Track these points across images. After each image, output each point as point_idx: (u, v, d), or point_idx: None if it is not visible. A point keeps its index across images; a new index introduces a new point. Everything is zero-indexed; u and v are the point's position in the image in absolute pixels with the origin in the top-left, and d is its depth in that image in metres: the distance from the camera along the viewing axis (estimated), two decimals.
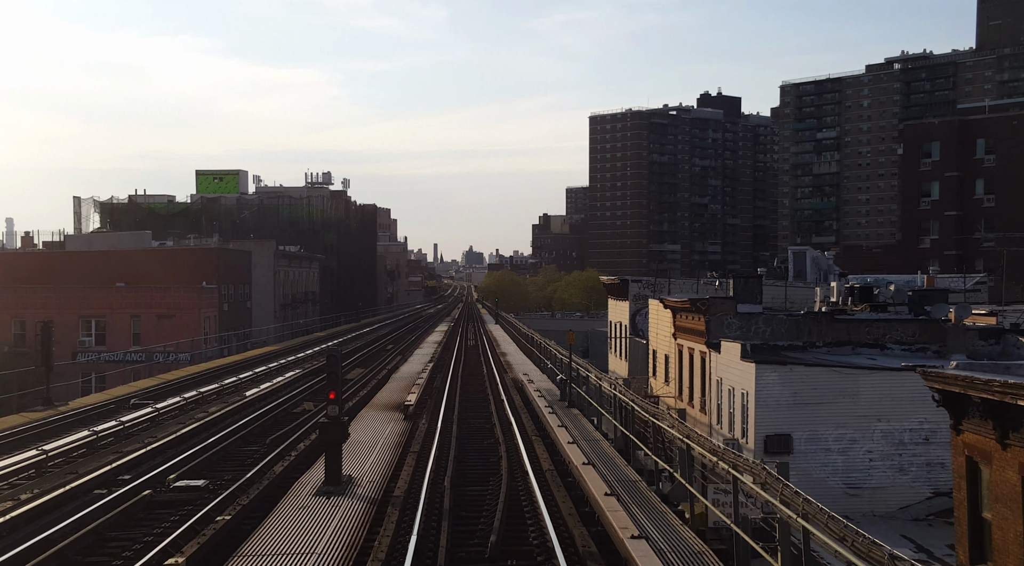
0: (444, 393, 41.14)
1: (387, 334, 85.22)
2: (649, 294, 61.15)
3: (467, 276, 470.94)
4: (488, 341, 74.89)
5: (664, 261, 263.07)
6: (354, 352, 61.06)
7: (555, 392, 41.26)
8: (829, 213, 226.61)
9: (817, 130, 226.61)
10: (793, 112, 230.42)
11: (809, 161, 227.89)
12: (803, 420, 34.95)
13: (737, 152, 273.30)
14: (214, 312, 75.89)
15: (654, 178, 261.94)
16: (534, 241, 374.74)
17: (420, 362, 54.96)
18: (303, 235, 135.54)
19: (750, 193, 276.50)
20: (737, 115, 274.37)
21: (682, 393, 47.62)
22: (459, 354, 60.70)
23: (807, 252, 67.00)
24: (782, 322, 41.51)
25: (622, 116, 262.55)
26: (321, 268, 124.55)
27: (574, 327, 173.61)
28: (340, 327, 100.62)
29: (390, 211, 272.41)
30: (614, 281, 66.72)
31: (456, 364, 54.05)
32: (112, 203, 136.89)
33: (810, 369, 35.55)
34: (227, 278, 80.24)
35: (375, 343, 72.91)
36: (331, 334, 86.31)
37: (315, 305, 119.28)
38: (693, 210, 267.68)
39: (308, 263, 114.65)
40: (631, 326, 61.93)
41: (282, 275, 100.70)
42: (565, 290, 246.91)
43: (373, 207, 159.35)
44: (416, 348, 67.07)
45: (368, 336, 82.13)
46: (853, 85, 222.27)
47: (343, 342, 73.14)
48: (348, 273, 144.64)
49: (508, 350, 67.46)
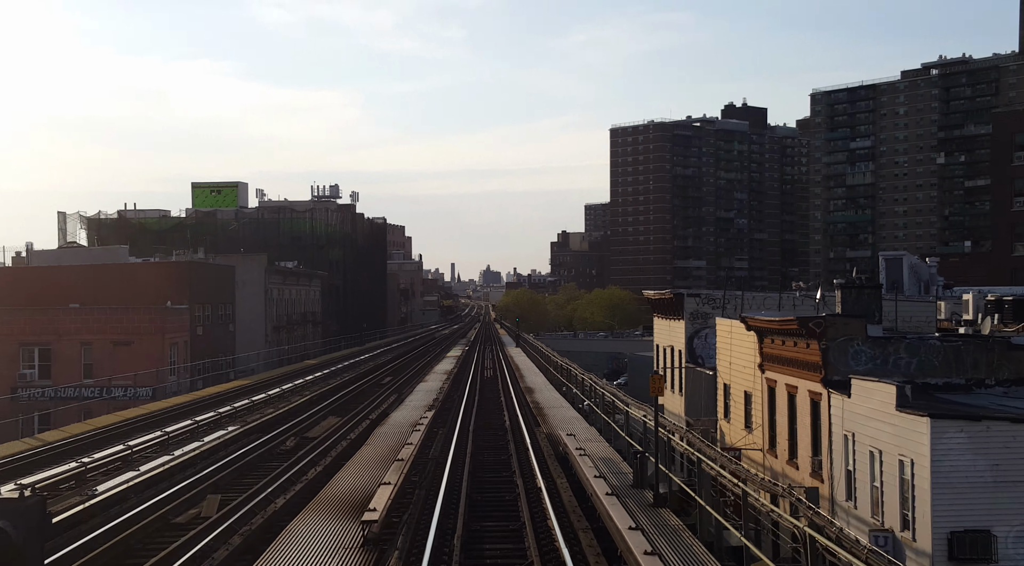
0: (445, 471, 26.47)
1: (390, 361, 72.59)
2: (710, 311, 48.20)
3: (484, 295, 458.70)
4: (509, 371, 61.70)
5: (689, 278, 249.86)
6: (339, 388, 48.54)
7: (615, 462, 28.03)
8: (864, 226, 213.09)
9: (851, 139, 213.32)
10: (825, 121, 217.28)
11: (842, 172, 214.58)
12: (1011, 508, 21.99)
13: (764, 164, 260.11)
14: (183, 337, 63.32)
15: (677, 192, 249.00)
16: (553, 259, 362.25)
17: (420, 404, 42.14)
18: (305, 251, 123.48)
19: (777, 207, 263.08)
20: (763, 126, 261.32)
21: (775, 445, 34.55)
22: (472, 391, 47.84)
23: (904, 259, 53.83)
24: (934, 350, 28.49)
25: (644, 128, 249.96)
26: (323, 286, 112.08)
27: (599, 348, 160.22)
28: (339, 352, 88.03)
29: (404, 228, 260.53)
30: (663, 296, 53.30)
31: (468, 408, 40.89)
32: (99, 219, 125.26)
33: (1020, 427, 22.51)
34: (202, 297, 67.77)
35: (371, 374, 60.19)
36: (325, 361, 73.74)
37: (316, 327, 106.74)
38: (718, 225, 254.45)
39: (308, 280, 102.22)
40: (687, 352, 48.94)
41: (276, 293, 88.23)
42: (587, 308, 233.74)
43: (383, 222, 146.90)
44: (420, 381, 54.41)
45: (366, 364, 69.56)
46: (888, 92, 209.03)
47: (333, 373, 60.54)
48: (355, 292, 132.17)
49: (535, 384, 53.81)
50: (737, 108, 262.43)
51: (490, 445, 33.03)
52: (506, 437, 34.67)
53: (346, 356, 79.74)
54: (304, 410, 40.56)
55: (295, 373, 61.37)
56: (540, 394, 47.83)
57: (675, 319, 51.25)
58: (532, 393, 48.44)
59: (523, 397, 46.16)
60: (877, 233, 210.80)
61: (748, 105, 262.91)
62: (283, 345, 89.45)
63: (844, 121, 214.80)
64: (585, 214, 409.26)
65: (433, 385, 50.85)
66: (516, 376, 57.77)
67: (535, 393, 48.44)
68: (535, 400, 45.07)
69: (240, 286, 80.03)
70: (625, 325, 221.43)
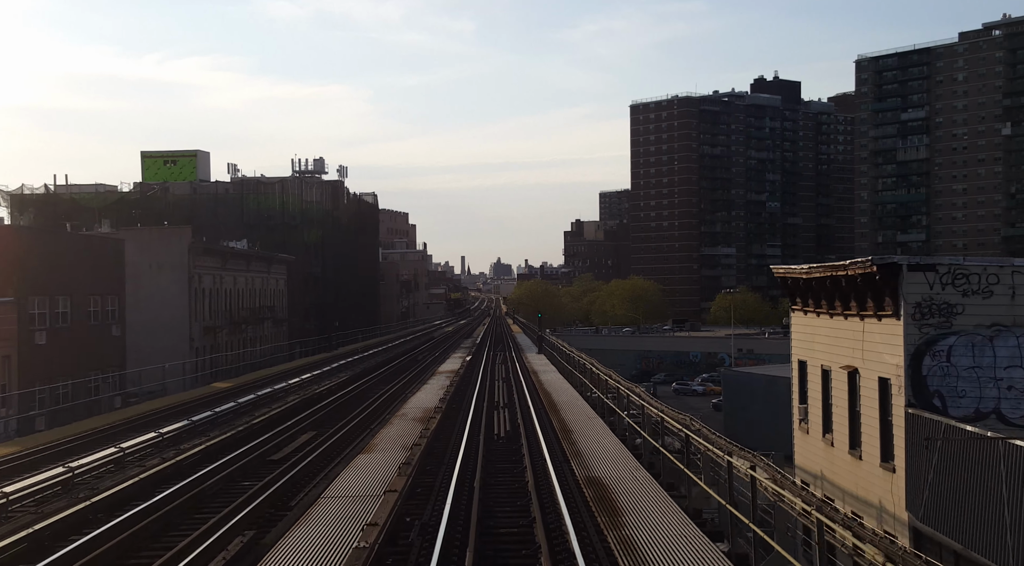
0: None
1: (357, 380, 46.89)
2: (960, 301, 22.71)
3: (495, 288, 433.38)
4: (535, 400, 35.11)
5: (717, 266, 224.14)
6: (221, 452, 23.49)
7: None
8: (917, 206, 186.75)
9: (902, 110, 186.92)
10: (872, 90, 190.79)
11: (892, 147, 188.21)
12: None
13: (797, 143, 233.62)
14: (11, 348, 37.95)
15: (705, 173, 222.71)
16: (566, 249, 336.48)
17: (351, 523, 16.79)
18: (276, 232, 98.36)
19: (812, 189, 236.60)
20: (797, 102, 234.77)
21: None
22: (473, 465, 22.41)
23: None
24: None
25: (667, 103, 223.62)
26: (291, 274, 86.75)
27: (625, 346, 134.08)
28: (296, 362, 62.46)
29: (407, 215, 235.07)
30: (837, 271, 26.93)
31: (463, 540, 15.62)
32: (23, 194, 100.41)
33: None
34: (54, 285, 42.38)
35: (311, 410, 34.78)
36: (261, 379, 48.10)
37: (280, 325, 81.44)
38: (749, 208, 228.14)
39: (265, 266, 77.06)
40: (911, 380, 23.10)
41: (208, 282, 63.01)
42: (607, 301, 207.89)
43: (373, 199, 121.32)
44: (384, 427, 29.00)
45: (317, 384, 44.31)
46: (945, 56, 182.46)
47: (249, 403, 35.29)
48: (339, 282, 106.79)
49: (587, 437, 26.54)
50: (768, 82, 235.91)
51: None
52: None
53: (301, 368, 54.24)
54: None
55: (197, 404, 36.07)
56: (609, 471, 21.30)
57: (867, 316, 25.50)
58: (584, 461, 22.24)
59: (577, 484, 20.05)
60: (932, 215, 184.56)
61: (780, 78, 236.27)
62: (223, 350, 64.07)
63: (894, 90, 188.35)
64: (600, 202, 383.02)
65: (405, 439, 25.52)
66: (548, 414, 31.17)
67: (595, 461, 22.16)
68: (606, 491, 18.89)
69: (146, 271, 54.84)
70: (651, 319, 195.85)
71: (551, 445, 24.65)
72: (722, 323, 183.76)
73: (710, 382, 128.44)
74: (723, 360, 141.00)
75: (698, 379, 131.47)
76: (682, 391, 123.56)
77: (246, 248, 74.06)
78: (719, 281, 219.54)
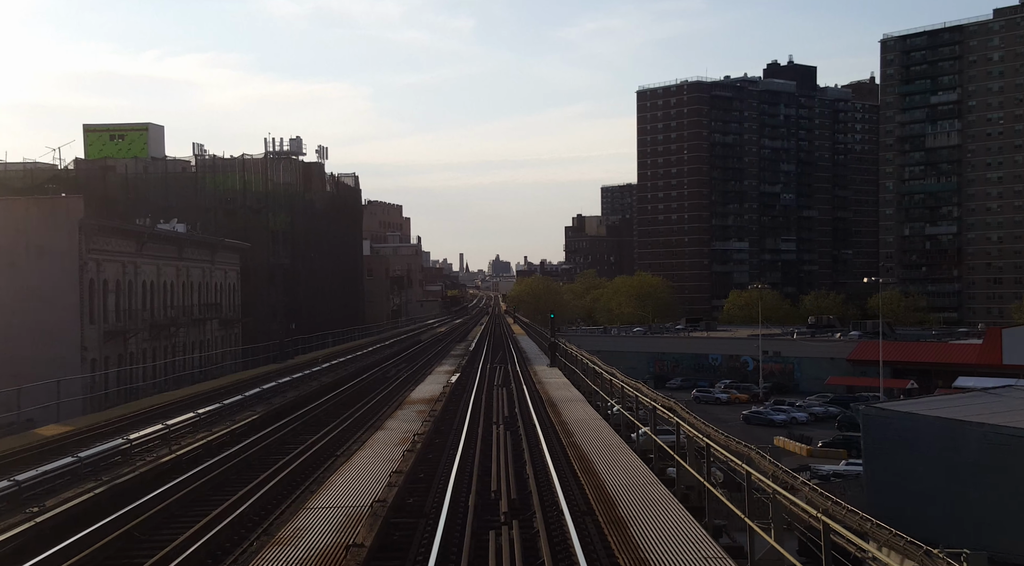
0: None
1: (261, 429, 30.14)
2: None
3: (494, 285, 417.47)
4: (570, 488, 18.28)
5: (729, 261, 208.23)
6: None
7: None
8: (948, 196, 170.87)
9: (931, 93, 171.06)
10: (898, 72, 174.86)
11: (920, 132, 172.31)
12: None
13: (813, 131, 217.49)
14: None
15: (716, 163, 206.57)
16: (567, 245, 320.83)
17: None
18: (236, 217, 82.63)
19: (828, 180, 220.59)
20: (812, 88, 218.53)
21: None
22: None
23: None
24: None
25: (677, 89, 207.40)
26: (249, 265, 70.91)
27: (637, 347, 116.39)
28: (225, 378, 46.17)
29: (401, 208, 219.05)
30: None
31: None
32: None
33: None
34: None
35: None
36: (151, 411, 31.85)
37: (230, 328, 65.44)
38: (762, 201, 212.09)
39: (208, 254, 61.15)
40: None
41: (115, 273, 46.99)
42: (612, 298, 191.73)
43: (354, 181, 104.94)
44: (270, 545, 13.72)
45: (218, 423, 28.48)
46: (978, 34, 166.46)
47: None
48: (314, 276, 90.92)
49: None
50: (782, 67, 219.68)
51: None
52: None
53: (220, 391, 38.24)
54: None
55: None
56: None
57: None
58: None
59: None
60: (964, 205, 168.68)
61: (795, 63, 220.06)
62: (138, 362, 48.04)
63: (923, 71, 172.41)
64: (602, 197, 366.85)
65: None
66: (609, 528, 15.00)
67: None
68: None
69: (22, 257, 38.87)
70: (660, 317, 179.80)
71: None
72: (737, 322, 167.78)
73: (734, 389, 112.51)
74: (746, 363, 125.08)
75: (720, 385, 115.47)
76: (703, 399, 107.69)
77: (177, 232, 58.10)
78: (731, 277, 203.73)
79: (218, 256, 63.73)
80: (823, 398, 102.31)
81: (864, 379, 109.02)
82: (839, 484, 57.37)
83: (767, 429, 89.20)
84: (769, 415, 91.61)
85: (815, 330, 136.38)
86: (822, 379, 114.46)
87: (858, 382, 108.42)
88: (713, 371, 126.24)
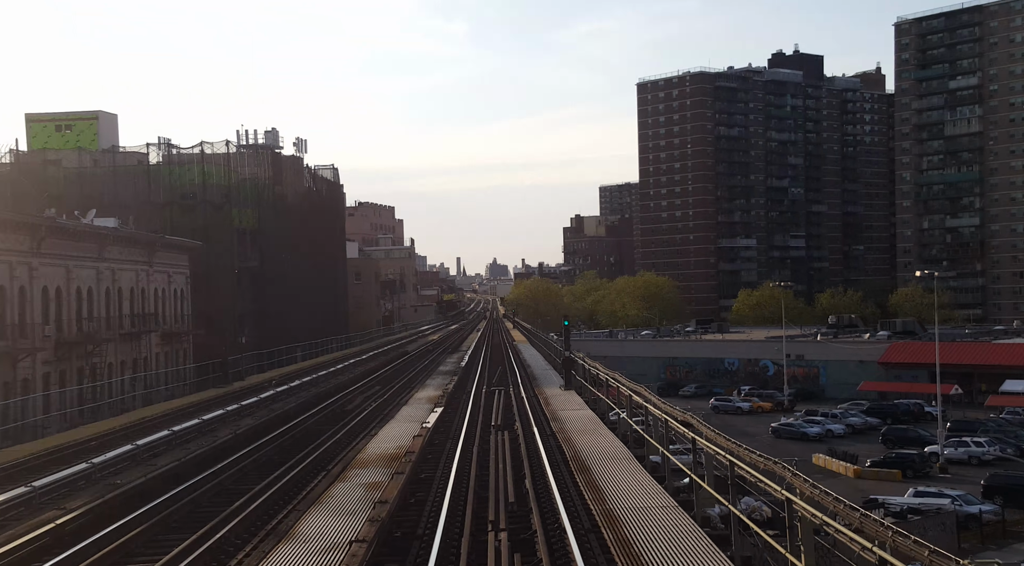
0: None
1: (113, 520, 18.94)
2: None
3: (491, 289, 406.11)
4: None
5: (736, 259, 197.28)
6: None
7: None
8: (969, 187, 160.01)
9: (949, 78, 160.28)
10: (914, 57, 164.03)
11: (939, 120, 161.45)
12: None
13: (821, 123, 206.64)
14: None
15: (721, 157, 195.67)
16: (566, 246, 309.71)
17: None
18: (193, 213, 71.68)
19: (838, 173, 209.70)
20: (820, 77, 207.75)
21: None
22: None
23: None
24: None
25: (679, 80, 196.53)
26: (203, 268, 59.93)
27: (645, 352, 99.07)
28: (129, 416, 34.81)
29: (394, 209, 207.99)
30: None
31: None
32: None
33: None
34: None
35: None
36: None
37: (176, 342, 54.34)
38: (770, 196, 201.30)
39: (145, 254, 49.95)
40: None
41: (3, 279, 35.79)
42: (616, 300, 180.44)
43: (333, 174, 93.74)
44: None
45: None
46: (1000, 14, 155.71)
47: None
48: (286, 280, 79.91)
49: None
50: (788, 56, 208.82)
51: None
52: None
53: (82, 444, 26.88)
54: None
55: None
56: None
57: None
58: None
59: None
60: (987, 196, 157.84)
61: (801, 52, 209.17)
62: (36, 390, 36.90)
63: (940, 55, 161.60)
64: (600, 197, 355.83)
65: None
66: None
67: None
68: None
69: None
70: (668, 319, 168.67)
71: None
72: (749, 323, 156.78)
73: (755, 397, 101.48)
74: (766, 368, 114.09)
75: (739, 392, 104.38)
76: (722, 408, 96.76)
77: (96, 226, 47.02)
78: (738, 276, 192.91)
79: (158, 257, 52.77)
80: (857, 406, 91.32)
81: (899, 384, 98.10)
82: (918, 523, 46.25)
83: (800, 444, 78.20)
84: (801, 428, 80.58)
85: (837, 330, 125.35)
86: (851, 384, 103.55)
87: (892, 388, 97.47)
88: (730, 377, 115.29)
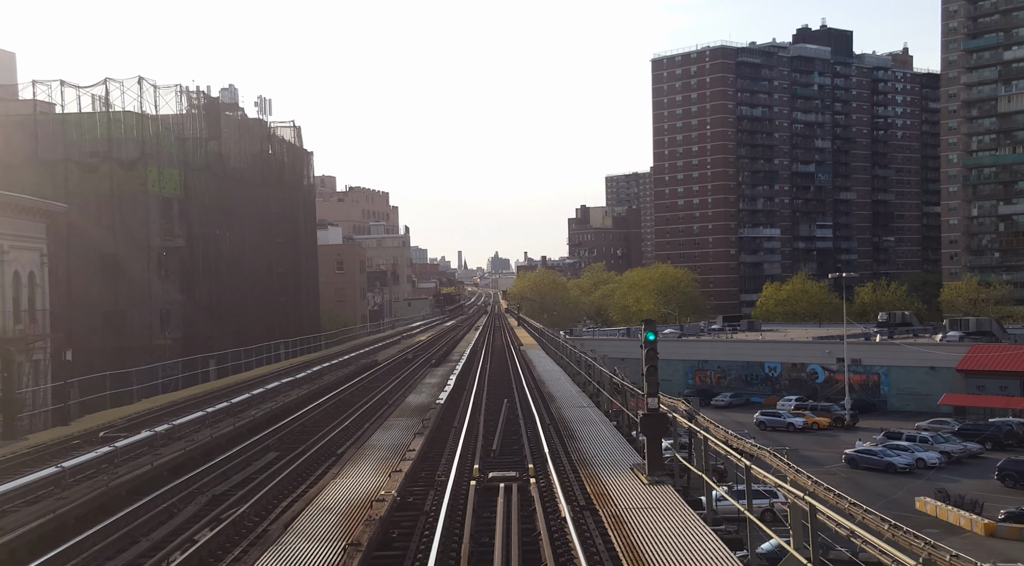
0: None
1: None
2: None
3: (493, 282, 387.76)
4: None
5: (759, 250, 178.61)
6: None
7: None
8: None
9: (1004, 48, 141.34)
10: (963, 25, 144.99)
11: (991, 95, 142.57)
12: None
13: (850, 103, 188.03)
14: None
15: (743, 139, 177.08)
16: (571, 238, 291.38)
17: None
18: (96, 174, 53.02)
19: (867, 159, 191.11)
20: (849, 54, 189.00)
21: None
22: None
23: None
24: None
25: (698, 55, 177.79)
26: (62, 241, 41.35)
27: (670, 353, 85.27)
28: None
29: (388, 195, 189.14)
30: None
31: None
32: None
33: None
34: None
35: None
36: None
37: (25, 352, 35.72)
38: (795, 182, 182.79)
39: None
40: None
41: None
42: (628, 293, 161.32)
43: (294, 133, 74.80)
44: None
45: None
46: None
47: None
48: (226, 264, 61.19)
49: None
50: (814, 31, 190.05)
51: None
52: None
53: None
54: None
55: None
56: None
57: None
58: None
59: None
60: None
61: (828, 27, 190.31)
62: None
63: (994, 23, 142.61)
64: (606, 187, 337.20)
65: None
66: None
67: None
68: None
69: None
70: (688, 315, 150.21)
71: None
72: (775, 319, 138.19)
73: (807, 410, 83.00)
74: (815, 373, 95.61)
75: (785, 403, 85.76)
76: (771, 424, 78.26)
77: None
78: (760, 268, 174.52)
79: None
80: (940, 424, 72.84)
81: (987, 397, 79.53)
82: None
83: (885, 478, 59.65)
84: (885, 455, 61.98)
85: (890, 330, 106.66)
86: (919, 395, 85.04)
87: (981, 402, 78.88)
88: (770, 384, 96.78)
